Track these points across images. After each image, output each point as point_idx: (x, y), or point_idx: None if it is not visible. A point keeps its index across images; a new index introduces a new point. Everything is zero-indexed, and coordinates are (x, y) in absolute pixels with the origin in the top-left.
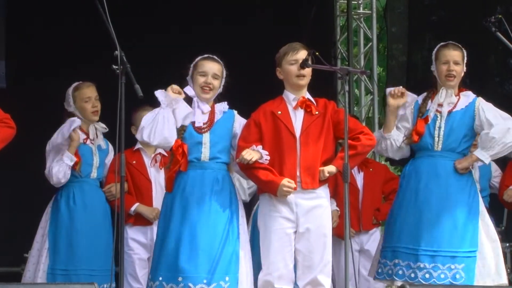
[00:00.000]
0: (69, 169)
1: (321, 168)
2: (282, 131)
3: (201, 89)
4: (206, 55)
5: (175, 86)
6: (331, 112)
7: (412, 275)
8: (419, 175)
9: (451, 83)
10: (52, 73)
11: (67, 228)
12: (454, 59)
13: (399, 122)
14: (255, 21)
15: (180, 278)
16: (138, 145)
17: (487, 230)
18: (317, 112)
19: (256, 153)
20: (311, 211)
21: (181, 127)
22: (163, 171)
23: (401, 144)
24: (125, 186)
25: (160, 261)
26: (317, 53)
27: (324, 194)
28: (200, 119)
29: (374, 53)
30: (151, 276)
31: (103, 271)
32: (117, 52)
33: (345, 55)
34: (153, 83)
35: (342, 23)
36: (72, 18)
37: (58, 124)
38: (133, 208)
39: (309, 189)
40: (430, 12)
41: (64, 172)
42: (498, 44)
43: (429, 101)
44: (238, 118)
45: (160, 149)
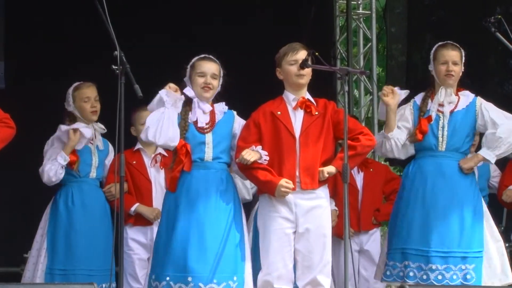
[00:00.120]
0: (62, 169)
1: (321, 169)
2: (281, 131)
3: (202, 89)
4: (203, 55)
5: (173, 85)
6: (331, 112)
7: (424, 277)
8: (425, 176)
9: (450, 81)
10: (52, 73)
11: (66, 228)
12: (453, 59)
13: (399, 121)
14: (255, 21)
15: (190, 278)
16: (138, 145)
17: (491, 231)
18: (316, 113)
19: (255, 153)
20: (311, 211)
21: (183, 127)
22: (163, 171)
23: (405, 141)
24: (125, 186)
25: (166, 260)
26: (316, 53)
27: (323, 194)
28: (202, 119)
29: (374, 53)
30: (155, 276)
31: (102, 271)
32: (117, 52)
33: (345, 55)
34: (153, 83)
35: (341, 23)
36: (72, 18)
37: (58, 124)
38: (133, 208)
39: (309, 189)
40: (429, 12)
41: (56, 171)
42: (498, 44)
43: (428, 100)
44: (238, 119)
45: (160, 149)
